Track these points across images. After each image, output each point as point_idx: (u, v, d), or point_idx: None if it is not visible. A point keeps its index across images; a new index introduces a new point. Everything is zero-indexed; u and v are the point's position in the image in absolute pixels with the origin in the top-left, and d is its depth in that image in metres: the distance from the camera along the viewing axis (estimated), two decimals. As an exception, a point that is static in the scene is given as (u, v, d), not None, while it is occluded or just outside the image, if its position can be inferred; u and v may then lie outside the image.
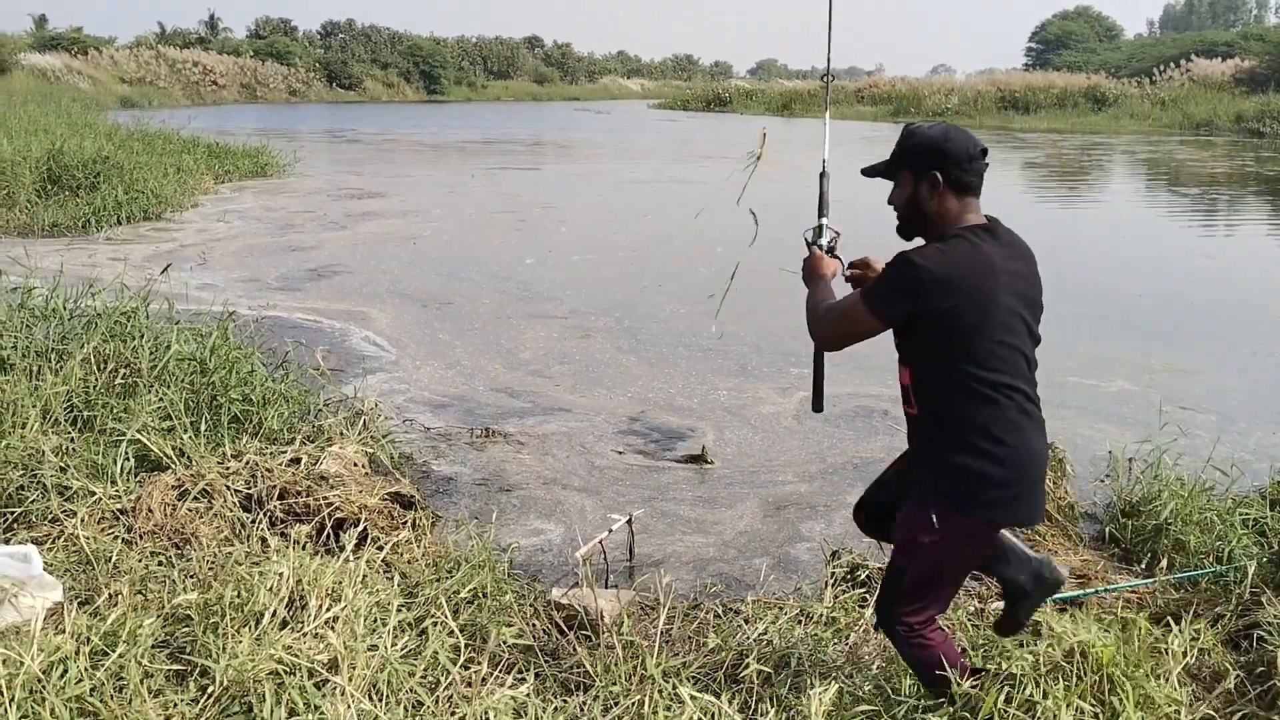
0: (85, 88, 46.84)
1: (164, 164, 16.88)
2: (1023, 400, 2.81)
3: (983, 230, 2.84)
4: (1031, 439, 2.81)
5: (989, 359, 2.75)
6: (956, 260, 2.76)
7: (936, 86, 51.00)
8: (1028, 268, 2.90)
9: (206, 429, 5.15)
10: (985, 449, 2.75)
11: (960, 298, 2.72)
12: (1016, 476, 2.77)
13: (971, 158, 2.86)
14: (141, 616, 3.31)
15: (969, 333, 2.74)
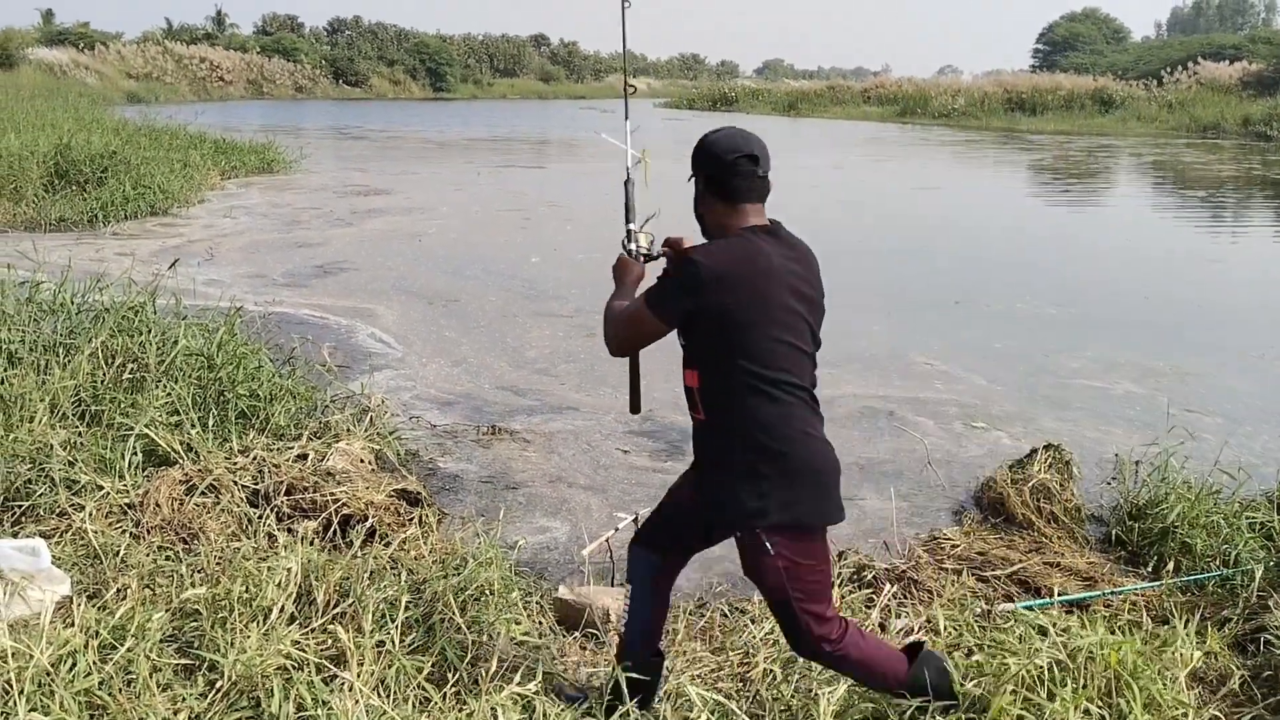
0: (92, 83, 46.91)
1: (171, 159, 16.91)
2: (807, 398, 2.80)
3: (762, 231, 2.82)
4: (815, 440, 2.81)
5: (770, 357, 2.73)
6: (734, 257, 2.75)
7: (943, 87, 50.98)
8: (808, 270, 2.86)
9: (214, 424, 5.16)
10: (775, 449, 2.73)
11: (738, 295, 2.70)
12: (811, 475, 2.77)
13: (732, 163, 2.83)
14: (150, 611, 3.32)
15: (747, 330, 2.72)
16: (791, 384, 2.75)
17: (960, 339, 8.76)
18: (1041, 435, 6.17)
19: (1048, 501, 4.93)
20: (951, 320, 9.47)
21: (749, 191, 2.84)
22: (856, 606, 3.91)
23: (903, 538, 4.81)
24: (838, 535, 4.91)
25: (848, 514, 5.13)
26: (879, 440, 6.32)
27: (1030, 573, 4.29)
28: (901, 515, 5.11)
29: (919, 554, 4.47)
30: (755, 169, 2.82)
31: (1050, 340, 8.69)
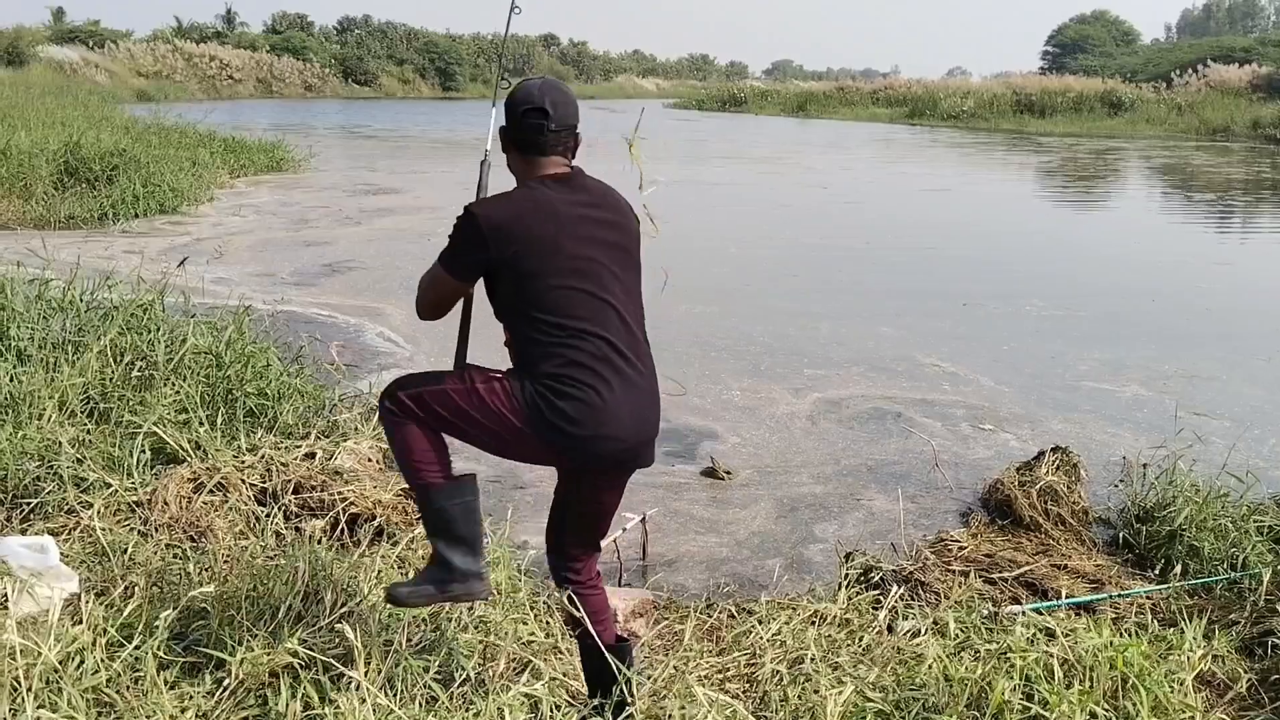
0: (102, 81, 47.05)
1: (180, 158, 16.95)
2: (604, 347, 2.73)
3: (552, 180, 2.80)
4: (610, 387, 2.73)
5: (565, 305, 2.71)
6: (513, 207, 2.74)
7: (952, 89, 50.95)
8: (613, 215, 2.85)
9: (222, 423, 5.17)
10: (561, 388, 2.70)
11: (520, 244, 2.69)
12: (588, 423, 2.71)
13: (521, 115, 2.80)
14: (158, 609, 3.32)
15: (535, 279, 2.70)
16: (590, 333, 2.72)
17: (968, 341, 8.75)
18: (1049, 437, 6.16)
19: (1055, 504, 4.92)
20: (959, 322, 9.46)
21: (539, 144, 2.80)
22: (864, 608, 3.91)
23: (910, 539, 4.80)
24: (844, 536, 4.92)
25: (853, 516, 5.16)
26: (886, 441, 6.31)
27: (1038, 575, 4.28)
28: (909, 516, 5.10)
29: (926, 555, 4.47)
30: (545, 122, 2.78)
31: (1058, 342, 8.67)
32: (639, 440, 2.84)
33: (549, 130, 2.79)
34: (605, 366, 2.73)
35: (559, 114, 2.80)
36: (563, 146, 2.84)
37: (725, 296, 10.33)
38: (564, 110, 2.82)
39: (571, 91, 2.91)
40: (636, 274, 2.91)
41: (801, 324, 9.18)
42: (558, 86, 2.88)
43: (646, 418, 2.85)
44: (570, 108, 2.83)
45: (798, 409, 6.87)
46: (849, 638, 3.65)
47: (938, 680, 3.07)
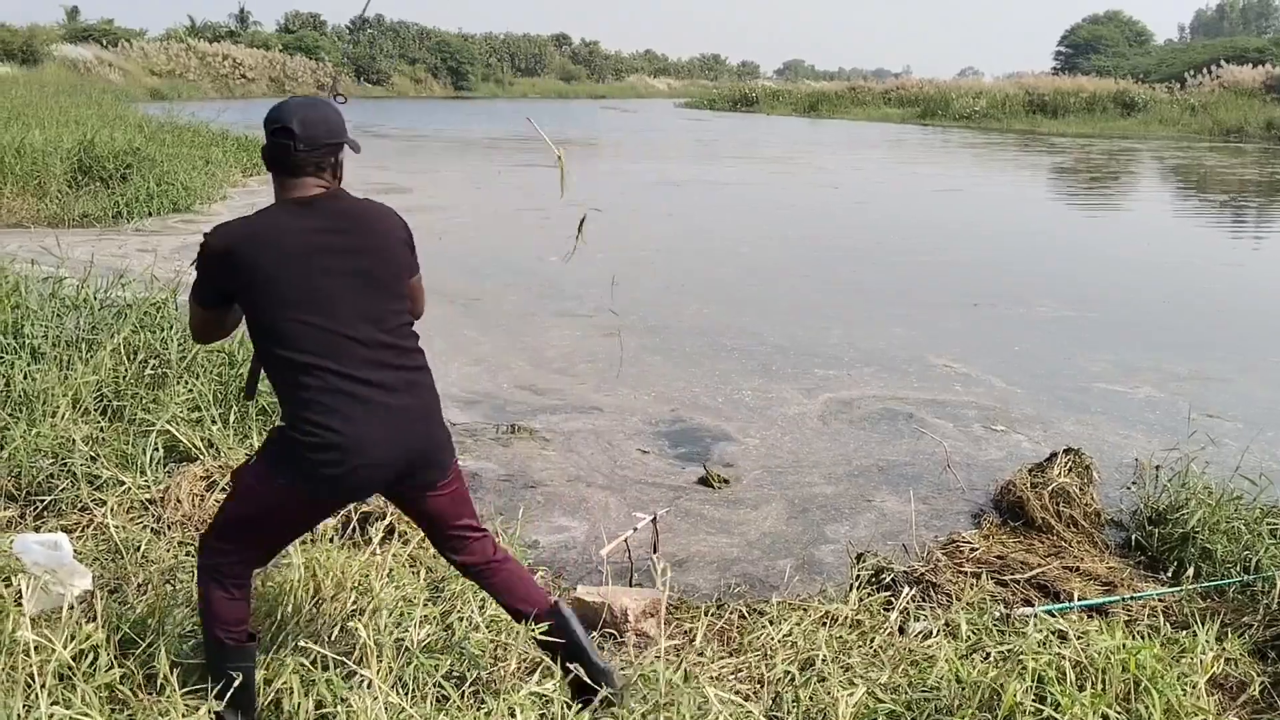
0: (116, 79, 47.25)
1: (193, 157, 17.02)
2: (335, 380, 2.66)
3: (296, 203, 2.73)
4: (352, 419, 2.67)
5: (290, 337, 2.65)
6: (245, 233, 2.67)
7: (964, 89, 50.81)
8: (358, 240, 2.78)
9: (235, 421, 5.19)
10: (301, 427, 2.66)
11: (245, 273, 2.64)
12: (332, 457, 2.66)
13: (270, 134, 2.74)
14: (171, 606, 3.34)
15: (263, 310, 2.66)
16: (313, 365, 2.65)
17: (979, 341, 8.73)
18: (1061, 439, 6.15)
19: (1067, 505, 4.90)
20: (970, 322, 9.44)
21: (287, 164, 2.73)
22: (875, 609, 3.90)
23: (921, 540, 4.80)
24: (856, 537, 4.92)
25: (865, 517, 5.16)
26: (898, 442, 6.30)
27: (1049, 577, 4.27)
28: (920, 518, 5.10)
29: (938, 557, 4.46)
30: (290, 142, 2.70)
31: (1070, 343, 8.65)
32: (407, 458, 2.80)
33: (296, 150, 2.71)
34: (338, 399, 2.66)
35: (307, 133, 2.72)
36: (314, 166, 2.75)
37: (735, 296, 10.33)
38: (315, 129, 2.73)
39: (331, 110, 2.83)
40: (388, 294, 2.84)
41: (812, 324, 9.17)
42: (314, 105, 2.80)
43: (409, 432, 2.80)
44: (323, 126, 2.75)
45: (809, 409, 6.86)
46: (860, 639, 3.64)
47: (949, 682, 3.06)
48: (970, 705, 2.92)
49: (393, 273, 2.86)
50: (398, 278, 2.87)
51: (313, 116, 2.75)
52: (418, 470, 2.86)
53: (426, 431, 2.87)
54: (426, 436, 2.87)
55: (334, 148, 2.79)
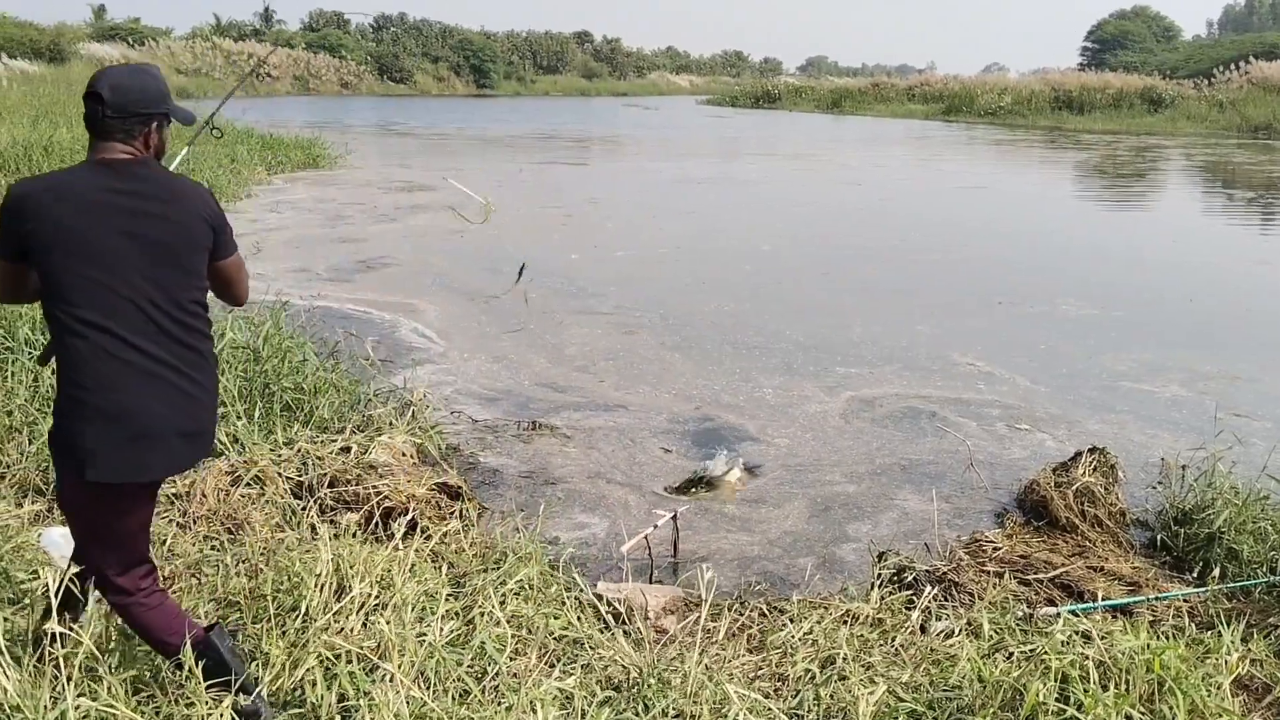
0: (142, 78, 47.53)
1: (218, 155, 17.12)
2: (118, 346, 2.64)
3: (102, 164, 2.74)
4: (127, 389, 2.65)
5: (75, 294, 2.63)
6: (44, 186, 2.68)
7: (989, 85, 50.51)
8: (162, 209, 2.75)
9: (260, 417, 5.23)
10: (75, 396, 2.64)
11: (34, 221, 2.63)
12: (105, 429, 2.63)
13: (84, 97, 2.77)
14: (196, 600, 3.37)
15: (51, 263, 2.64)
16: (96, 325, 2.63)
17: (1003, 340, 8.68)
18: (1086, 438, 6.11)
19: (1092, 505, 4.88)
20: (994, 321, 9.39)
21: (95, 127, 2.75)
22: (896, 607, 3.89)
23: (944, 539, 4.78)
24: (878, 536, 4.90)
25: (886, 515, 5.14)
26: (921, 441, 6.28)
27: (1073, 577, 4.24)
28: (943, 517, 5.07)
29: (960, 556, 4.44)
30: (99, 107, 2.73)
31: (1095, 342, 8.59)
32: (179, 442, 2.76)
33: (104, 115, 2.74)
34: (113, 364, 2.65)
35: (117, 99, 2.74)
36: (123, 133, 2.76)
37: (756, 294, 10.31)
38: (126, 96, 2.76)
39: (151, 80, 2.85)
40: (180, 269, 2.78)
41: (834, 322, 9.15)
42: (133, 73, 2.83)
43: (185, 414, 2.76)
44: (136, 94, 2.77)
45: (831, 407, 6.84)
46: (881, 638, 3.64)
47: (971, 681, 3.05)
48: (992, 705, 2.91)
49: (188, 248, 2.79)
50: (194, 255, 2.81)
51: (126, 83, 2.78)
52: (180, 457, 2.80)
53: (196, 423, 2.81)
54: (200, 422, 2.82)
55: (145, 118, 2.80)
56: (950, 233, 14.68)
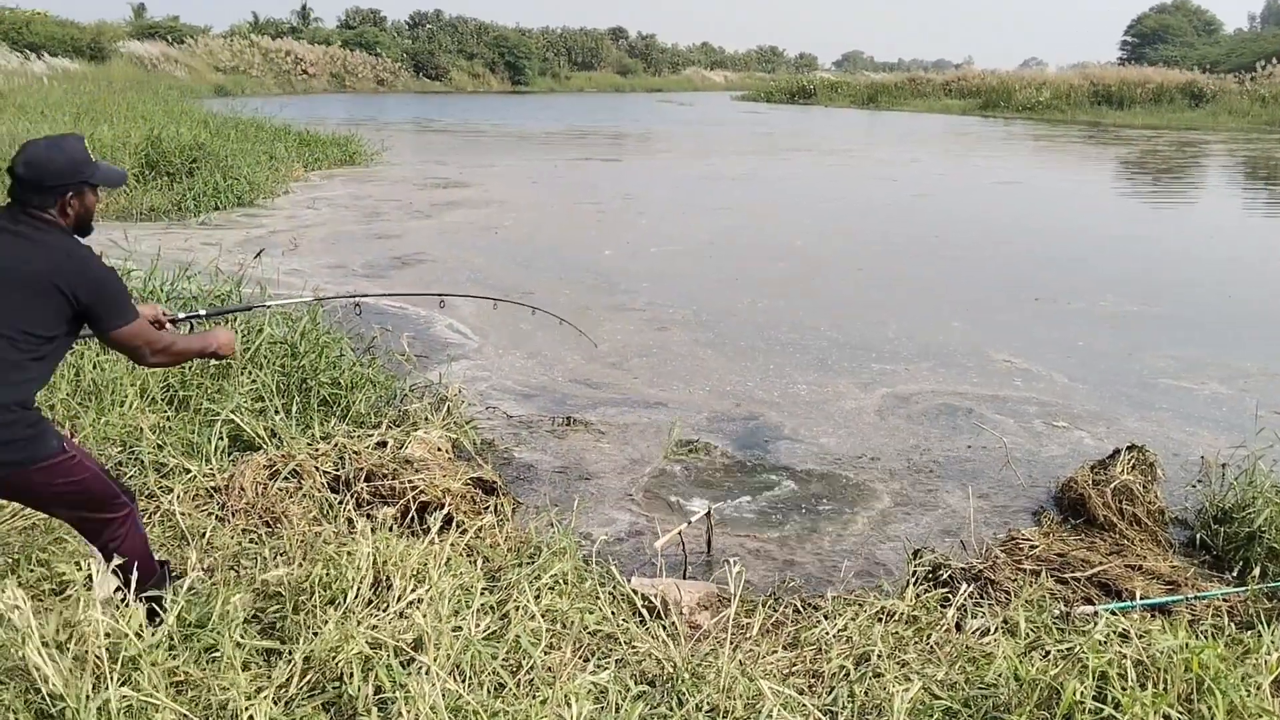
0: (181, 76, 48.09)
1: (256, 152, 17.30)
2: None
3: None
4: None
5: None
6: None
7: (1027, 80, 49.99)
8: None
9: (297, 411, 5.29)
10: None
11: None
12: None
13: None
14: (234, 592, 3.40)
15: None
16: None
17: (1040, 336, 8.61)
18: (1125, 435, 6.05)
19: (1130, 503, 4.83)
20: (1031, 317, 9.31)
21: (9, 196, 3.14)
22: (932, 605, 3.87)
23: (980, 537, 4.75)
24: (913, 533, 4.88)
25: (922, 513, 5.11)
26: (957, 438, 6.24)
27: (1111, 575, 4.20)
28: (979, 514, 5.04)
29: (996, 554, 4.41)
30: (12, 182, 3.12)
31: (1134, 339, 8.50)
32: None
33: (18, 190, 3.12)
34: None
35: (30, 174, 3.10)
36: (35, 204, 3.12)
37: (789, 290, 10.28)
38: (21, 168, 3.10)
39: (62, 154, 3.16)
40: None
41: (868, 318, 9.10)
42: (49, 146, 3.17)
43: None
44: (27, 165, 3.10)
45: (865, 404, 6.82)
46: (917, 635, 3.62)
47: (1008, 679, 3.04)
48: (1029, 703, 2.89)
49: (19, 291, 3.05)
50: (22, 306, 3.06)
51: (25, 158, 3.13)
52: None
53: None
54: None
55: (58, 189, 3.14)
56: (986, 228, 14.57)
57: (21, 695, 2.75)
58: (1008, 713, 2.89)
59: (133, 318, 3.18)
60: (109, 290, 3.12)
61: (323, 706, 2.95)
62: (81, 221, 3.22)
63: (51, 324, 3.06)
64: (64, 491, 3.14)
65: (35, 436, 3.04)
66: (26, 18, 45.27)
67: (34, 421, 3.05)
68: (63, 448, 3.10)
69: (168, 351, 3.32)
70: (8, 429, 2.97)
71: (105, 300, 3.11)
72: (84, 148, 3.24)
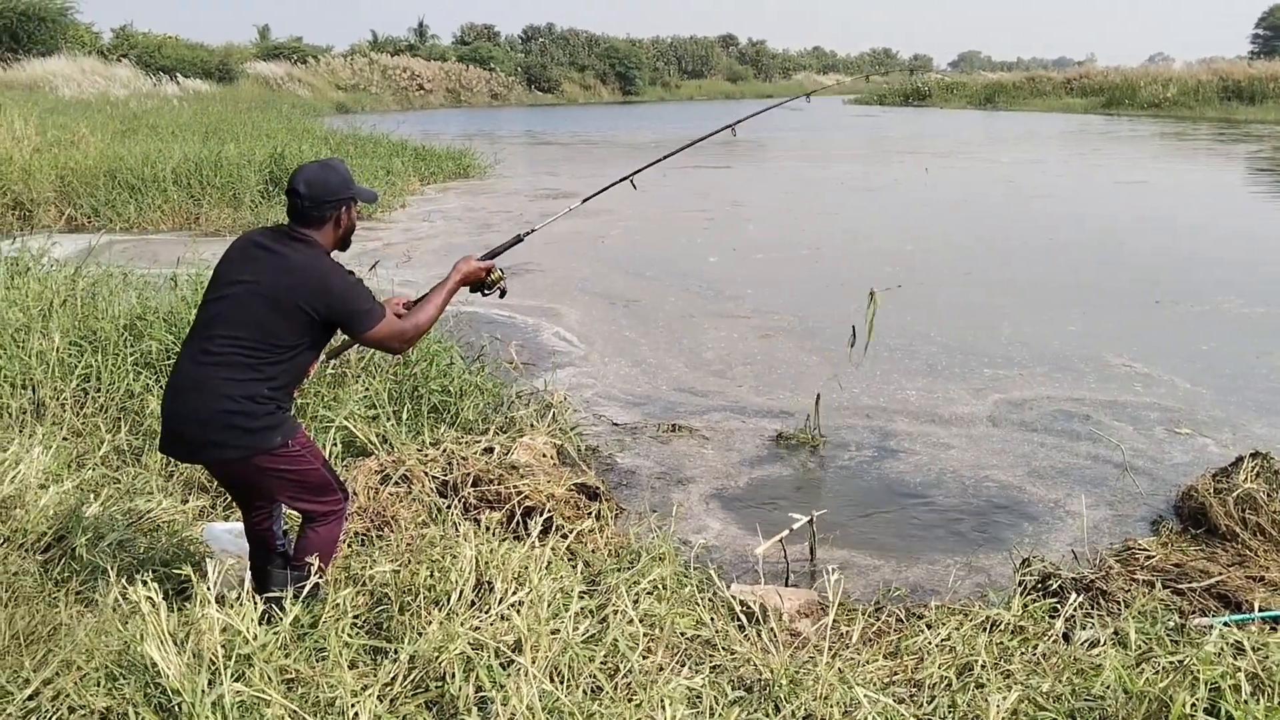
0: (304, 94, 49.71)
1: (375, 167, 17.77)
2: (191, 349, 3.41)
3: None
4: (172, 381, 3.42)
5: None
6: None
7: (1152, 76, 48.29)
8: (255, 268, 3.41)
9: (407, 418, 5.42)
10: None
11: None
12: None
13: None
14: (344, 593, 3.51)
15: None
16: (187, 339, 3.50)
17: (1161, 340, 8.31)
18: (1251, 442, 5.80)
19: (1254, 512, 4.63)
20: (1152, 320, 9.00)
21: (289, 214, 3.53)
22: (1040, 615, 3.78)
23: (1093, 546, 4.62)
24: (1022, 542, 4.77)
25: (1033, 522, 4.98)
26: (1073, 445, 6.07)
27: (1231, 587, 4.04)
28: (1093, 523, 4.90)
29: (1110, 564, 4.28)
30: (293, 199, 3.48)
31: (1261, 342, 8.14)
32: (178, 430, 3.39)
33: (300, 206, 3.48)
34: (184, 362, 3.41)
35: (311, 192, 3.46)
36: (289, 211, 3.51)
37: (898, 294, 10.09)
38: (298, 185, 3.46)
39: (334, 174, 3.50)
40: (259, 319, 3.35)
41: (980, 322, 8.92)
42: (322, 167, 3.54)
43: (183, 410, 3.37)
44: (304, 183, 3.45)
45: (977, 410, 6.68)
46: (1022, 645, 3.54)
47: (1115, 692, 2.95)
48: (1136, 716, 2.80)
49: (265, 303, 3.36)
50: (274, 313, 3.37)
51: (318, 178, 3.49)
52: (188, 442, 3.43)
53: (198, 413, 3.36)
54: (191, 416, 3.38)
55: (306, 201, 3.46)
56: (1105, 229, 14.11)
57: (141, 689, 2.88)
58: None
59: (378, 319, 3.45)
60: (352, 303, 3.40)
61: (425, 705, 3.02)
62: (347, 234, 3.56)
63: (291, 336, 3.36)
64: (284, 477, 3.46)
65: (259, 429, 3.33)
66: (159, 42, 47.45)
67: (261, 414, 3.33)
68: (286, 443, 3.39)
69: (415, 335, 3.59)
70: (235, 418, 3.29)
71: (349, 312, 3.40)
72: (347, 168, 3.59)
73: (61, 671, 3.04)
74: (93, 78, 34.59)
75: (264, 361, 3.32)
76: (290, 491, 3.52)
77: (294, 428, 3.46)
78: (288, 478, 3.47)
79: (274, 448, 3.37)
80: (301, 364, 3.46)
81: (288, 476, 3.46)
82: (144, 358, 5.81)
